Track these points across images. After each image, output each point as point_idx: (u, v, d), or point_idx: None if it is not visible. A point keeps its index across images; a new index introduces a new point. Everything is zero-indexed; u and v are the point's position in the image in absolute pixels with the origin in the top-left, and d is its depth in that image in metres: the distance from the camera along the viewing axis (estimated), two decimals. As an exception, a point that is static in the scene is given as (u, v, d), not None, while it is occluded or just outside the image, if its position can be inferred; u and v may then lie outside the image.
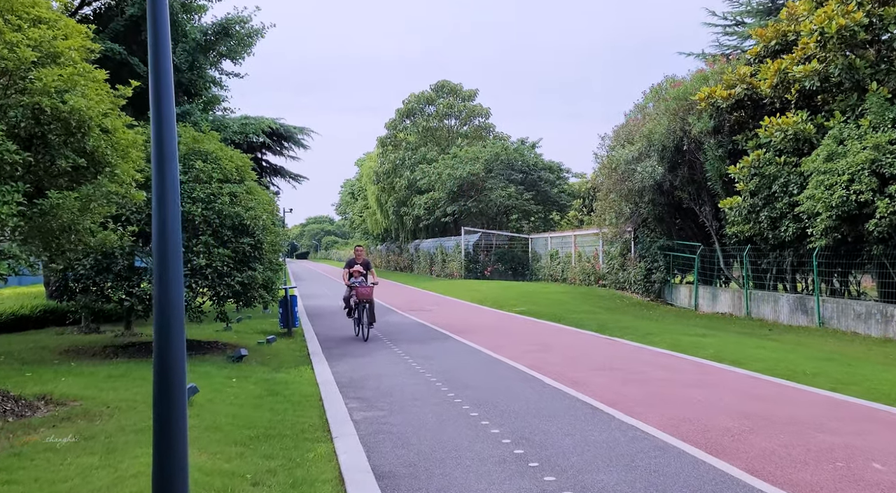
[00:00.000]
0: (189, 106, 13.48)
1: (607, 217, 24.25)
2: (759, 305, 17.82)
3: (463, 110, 46.32)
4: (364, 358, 10.96)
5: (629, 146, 20.98)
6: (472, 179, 37.06)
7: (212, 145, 11.26)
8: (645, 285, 22.99)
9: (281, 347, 12.59)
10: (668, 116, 19.26)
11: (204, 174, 10.88)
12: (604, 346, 11.89)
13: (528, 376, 9.02)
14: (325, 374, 9.56)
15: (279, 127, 19.18)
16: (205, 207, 10.60)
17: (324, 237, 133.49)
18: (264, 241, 11.15)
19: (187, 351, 10.95)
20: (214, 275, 10.46)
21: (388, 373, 9.51)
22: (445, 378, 8.94)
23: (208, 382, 8.52)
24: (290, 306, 14.79)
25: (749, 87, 16.79)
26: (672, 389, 8.00)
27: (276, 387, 8.55)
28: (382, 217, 51.72)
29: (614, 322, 15.86)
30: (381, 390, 8.29)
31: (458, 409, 7.17)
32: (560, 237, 32.82)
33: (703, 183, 19.70)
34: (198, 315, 11.01)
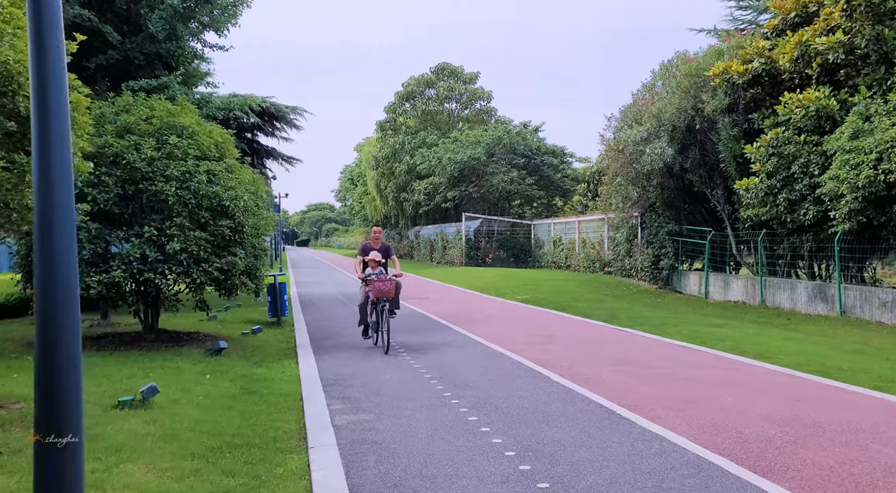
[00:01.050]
0: (166, 78, 12.53)
1: (613, 202, 23.31)
2: (775, 292, 16.91)
3: (464, 94, 45.22)
4: (354, 352, 10.09)
5: (637, 127, 20.00)
6: (473, 163, 36.07)
7: (188, 119, 10.33)
8: (652, 271, 22.08)
9: (267, 338, 11.72)
10: (680, 93, 18.26)
11: (179, 150, 9.96)
12: (615, 338, 11.01)
13: (534, 372, 8.14)
14: (309, 369, 8.69)
15: (270, 106, 18.20)
16: (179, 186, 9.69)
17: (324, 225, 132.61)
18: (246, 224, 10.24)
19: (163, 343, 10.08)
20: (190, 261, 9.57)
21: (380, 368, 8.64)
22: (442, 375, 8.06)
23: (177, 379, 7.66)
24: (278, 295, 13.92)
25: (767, 61, 15.78)
26: (696, 388, 7.11)
27: (253, 385, 7.68)
28: (382, 203, 50.76)
29: (624, 311, 14.97)
30: (369, 389, 7.42)
31: (455, 412, 6.29)
32: (564, 223, 31.89)
33: (715, 165, 18.73)
34: (173, 304, 10.13)
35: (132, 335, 10.80)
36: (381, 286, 9.89)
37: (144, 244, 9.39)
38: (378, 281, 9.93)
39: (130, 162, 9.54)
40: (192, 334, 11.29)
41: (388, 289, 9.87)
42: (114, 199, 9.50)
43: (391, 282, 9.97)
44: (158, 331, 10.95)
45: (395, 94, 46.16)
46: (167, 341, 10.59)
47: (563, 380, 7.57)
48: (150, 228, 9.45)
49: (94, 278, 9.21)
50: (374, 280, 9.96)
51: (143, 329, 10.84)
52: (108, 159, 9.66)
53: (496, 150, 36.44)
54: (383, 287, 9.88)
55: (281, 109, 18.98)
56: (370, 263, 10.35)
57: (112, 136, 9.79)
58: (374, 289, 9.93)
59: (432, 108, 45.47)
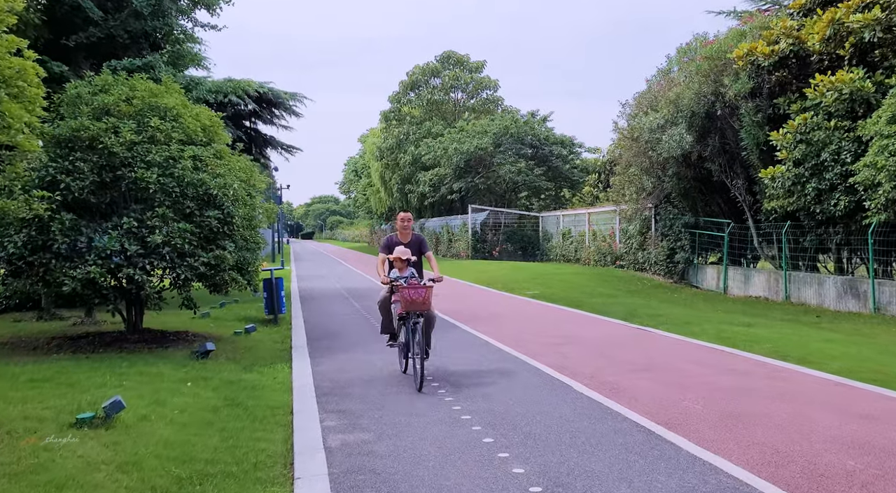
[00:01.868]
0: (151, 57, 11.63)
1: (627, 192, 22.38)
2: (800, 288, 15.98)
3: (470, 83, 44.17)
4: (354, 355, 9.24)
5: (653, 113, 19.04)
6: (480, 154, 35.11)
7: (172, 100, 9.45)
8: (667, 265, 21.17)
9: (261, 337, 10.89)
10: (699, 78, 17.29)
11: (161, 134, 9.10)
12: (638, 338, 10.13)
13: (554, 380, 7.27)
14: (303, 375, 7.84)
15: (268, 91, 17.29)
16: (162, 173, 8.83)
17: (329, 217, 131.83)
18: (236, 214, 9.37)
19: (146, 344, 9.24)
20: (174, 255, 8.71)
21: (381, 376, 7.78)
22: (450, 383, 7.20)
23: (153, 388, 6.81)
24: (275, 290, 13.07)
25: (795, 42, 14.81)
26: (742, 401, 6.22)
27: (239, 394, 6.84)
28: (386, 195, 49.85)
29: (641, 308, 14.08)
30: (369, 400, 6.57)
31: (468, 431, 5.43)
32: (573, 215, 30.94)
33: (736, 153, 17.78)
34: (156, 302, 9.28)
35: (114, 336, 9.97)
36: (412, 296, 7.12)
37: (123, 237, 8.55)
38: (408, 289, 7.17)
39: (108, 146, 8.68)
40: (179, 334, 10.46)
41: (420, 299, 7.13)
42: (90, 187, 8.66)
43: (425, 290, 7.16)
44: (142, 331, 10.12)
45: (400, 83, 45.17)
46: (151, 341, 9.76)
47: (587, 391, 6.70)
48: (130, 219, 8.61)
49: (69, 274, 8.36)
50: (404, 287, 7.21)
51: (126, 329, 10.01)
52: (83, 143, 8.81)
53: (503, 140, 35.47)
54: (415, 297, 7.12)
55: (279, 95, 18.08)
56: (396, 262, 7.55)
57: (88, 117, 8.94)
58: (402, 299, 7.21)
59: (437, 97, 44.46)
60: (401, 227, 7.93)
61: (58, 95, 9.41)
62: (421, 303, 7.16)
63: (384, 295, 7.78)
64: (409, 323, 7.27)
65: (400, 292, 7.27)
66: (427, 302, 7.16)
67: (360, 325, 12.25)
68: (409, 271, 7.62)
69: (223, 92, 14.95)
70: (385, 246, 7.81)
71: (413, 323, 7.20)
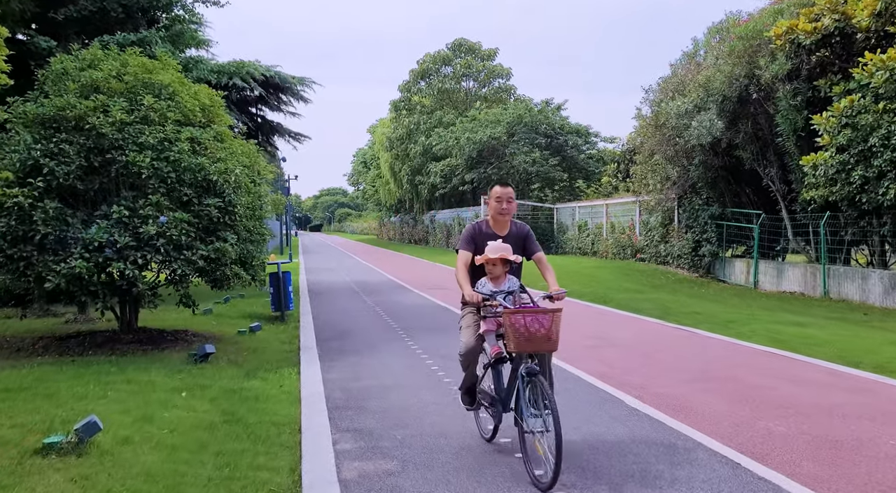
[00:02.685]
0: (147, 33, 10.73)
1: (650, 182, 21.36)
2: (841, 283, 14.98)
3: (482, 71, 43.10)
4: (368, 358, 8.36)
5: (681, 98, 18.00)
6: (493, 143, 34.10)
7: (168, 76, 8.56)
8: (692, 259, 20.18)
9: (266, 337, 10.03)
10: (732, 59, 16.26)
11: (156, 114, 8.21)
12: (681, 340, 9.20)
13: (601, 392, 6.36)
14: (313, 382, 6.97)
15: (274, 75, 16.37)
16: (156, 156, 7.95)
17: (337, 209, 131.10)
18: (238, 203, 8.49)
19: (140, 345, 8.39)
20: (169, 247, 7.84)
21: (400, 383, 6.89)
22: (481, 394, 6.30)
23: (142, 400, 5.95)
24: (282, 285, 12.21)
25: (841, 17, 13.75)
26: (835, 423, 5.27)
27: (239, 407, 5.97)
28: (396, 186, 48.93)
29: (673, 304, 13.14)
30: (389, 416, 5.68)
31: (512, 462, 4.54)
32: (589, 207, 29.93)
33: (770, 140, 16.76)
34: (151, 299, 8.42)
35: (106, 335, 9.12)
36: (530, 327, 4.16)
37: (113, 227, 7.68)
38: (520, 315, 4.18)
39: (96, 127, 7.81)
40: (178, 334, 9.61)
41: (544, 333, 4.18)
42: (76, 172, 7.79)
43: (551, 317, 4.19)
44: (137, 330, 9.27)
45: (410, 71, 44.18)
46: (146, 342, 8.91)
47: (643, 406, 5.78)
48: (121, 207, 7.74)
49: (53, 269, 7.51)
50: (511, 312, 4.22)
51: (120, 328, 9.16)
52: (69, 124, 7.94)
53: (517, 129, 34.44)
54: (535, 329, 4.17)
55: (287, 80, 17.15)
56: (490, 267, 4.65)
57: (75, 95, 8.06)
58: (509, 333, 4.23)
59: (449, 86, 43.43)
60: (496, 210, 4.80)
61: (42, 70, 8.55)
62: (544, 339, 4.13)
63: (469, 341, 4.63)
64: (522, 368, 4.25)
65: (509, 321, 4.16)
66: (554, 339, 4.16)
67: (372, 323, 11.38)
68: (511, 282, 4.60)
69: (227, 73, 14.04)
70: (468, 240, 4.83)
71: (526, 371, 4.19)
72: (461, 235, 4.97)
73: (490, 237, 4.79)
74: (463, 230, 4.97)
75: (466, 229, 4.97)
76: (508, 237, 4.84)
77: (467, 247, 4.85)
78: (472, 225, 4.99)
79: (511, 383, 4.50)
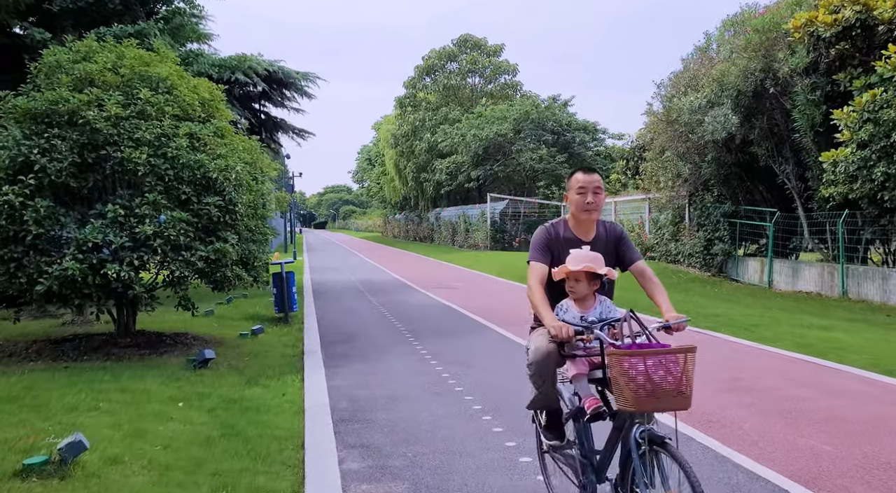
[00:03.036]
0: (145, 24, 10.36)
1: (661, 179, 20.92)
2: (860, 283, 14.54)
3: (488, 67, 42.67)
4: (374, 364, 7.99)
5: (694, 94, 17.56)
6: (499, 140, 33.69)
7: (165, 69, 8.19)
8: (704, 257, 19.76)
9: (269, 340, 9.67)
10: (749, 53, 15.82)
11: (153, 108, 7.84)
12: (704, 345, 8.75)
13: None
14: (317, 392, 6.60)
15: (277, 70, 16.01)
16: (153, 152, 7.59)
17: (342, 207, 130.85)
18: (239, 201, 8.13)
19: (138, 349, 8.03)
20: (167, 248, 7.49)
21: (409, 393, 6.52)
22: (496, 406, 5.93)
23: (136, 412, 5.60)
24: (286, 286, 11.86)
25: (863, 9, 13.30)
26: (882, 440, 4.80)
27: (239, 419, 5.61)
28: (401, 184, 48.56)
29: (689, 305, 12.73)
30: (398, 431, 5.31)
31: (531, 481, 4.17)
32: (597, 204, 29.49)
33: (786, 136, 16.32)
34: (148, 301, 8.07)
35: (103, 339, 8.78)
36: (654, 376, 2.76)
37: (108, 227, 7.33)
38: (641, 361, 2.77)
39: (90, 122, 7.44)
40: (177, 337, 9.26)
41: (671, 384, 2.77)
42: (69, 169, 7.42)
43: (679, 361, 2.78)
44: (135, 333, 8.92)
45: (415, 68, 43.78)
46: (144, 346, 8.56)
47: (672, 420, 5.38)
48: (116, 206, 7.39)
49: (44, 271, 7.16)
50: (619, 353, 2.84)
51: (117, 331, 8.81)
52: (61, 119, 7.58)
53: (524, 125, 34.03)
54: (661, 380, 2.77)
55: (290, 75, 16.79)
56: (570, 281, 3.43)
57: (68, 89, 7.69)
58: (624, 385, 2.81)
59: (454, 82, 43.02)
60: (579, 205, 3.49)
61: (35, 63, 8.19)
62: (674, 392, 2.78)
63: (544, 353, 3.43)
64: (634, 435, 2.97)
65: (613, 364, 2.85)
66: (688, 392, 2.82)
67: (378, 324, 11.02)
68: (603, 306, 3.42)
69: (228, 67, 13.66)
70: (542, 247, 3.55)
71: (647, 437, 2.92)
72: (532, 241, 3.58)
73: (572, 243, 3.44)
74: (534, 234, 3.61)
75: (538, 233, 3.58)
76: (596, 243, 3.47)
77: (541, 257, 3.48)
78: (546, 227, 3.58)
79: (611, 444, 3.20)
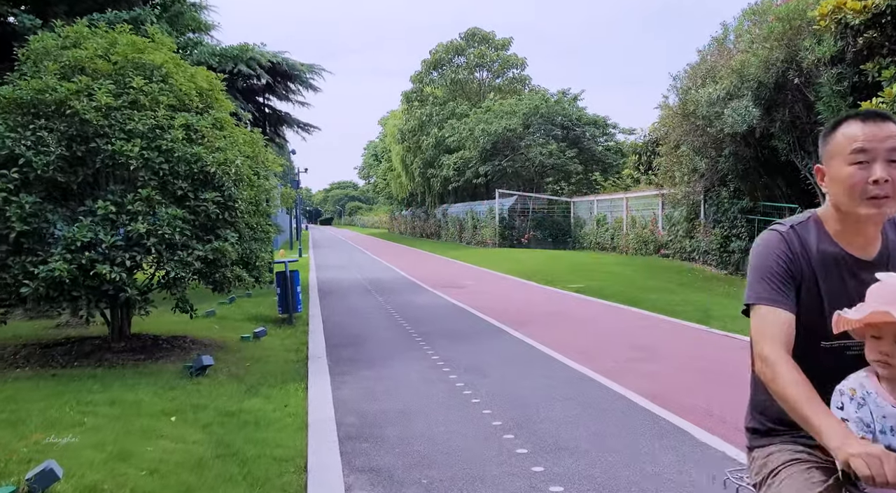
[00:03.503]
0: (140, 10, 9.84)
1: (676, 174, 20.33)
2: (888, 282, 13.94)
3: (496, 61, 42.04)
4: (383, 370, 7.47)
5: (713, 85, 16.96)
6: (508, 135, 33.09)
7: (160, 56, 7.68)
8: (721, 255, 19.20)
9: (272, 344, 9.18)
10: (771, 42, 15.20)
11: (146, 98, 7.34)
12: (736, 352, 8.25)
13: (658, 419, 5.44)
14: (322, 404, 6.09)
15: (282, 62, 15.48)
16: (146, 145, 7.09)
17: (348, 203, 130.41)
18: (239, 198, 7.62)
19: (132, 354, 7.48)
20: (161, 247, 6.99)
21: (422, 405, 6.00)
22: (517, 422, 5.40)
23: (122, 428, 5.10)
24: (290, 286, 11.37)
25: (894, -5, 12.65)
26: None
27: (236, 437, 5.10)
28: (408, 180, 48.03)
29: (715, 306, 12.18)
30: (411, 451, 4.79)
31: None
32: (608, 200, 28.92)
33: (809, 129, 15.70)
34: (142, 305, 7.57)
35: (96, 342, 8.30)
36: None
37: (98, 225, 6.84)
38: None
39: (79, 112, 6.95)
40: (175, 340, 8.78)
41: None
42: (56, 163, 6.92)
43: None
44: (130, 337, 8.43)
45: (422, 62, 43.19)
46: (139, 350, 8.08)
47: (713, 440, 4.84)
48: (107, 202, 6.89)
49: (31, 272, 6.67)
50: None
51: (111, 335, 8.33)
52: (48, 109, 7.09)
53: (533, 120, 33.43)
54: None
55: (295, 67, 16.26)
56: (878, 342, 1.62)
57: (56, 77, 7.19)
58: None
59: (462, 76, 42.42)
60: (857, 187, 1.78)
61: (21, 49, 7.70)
62: None
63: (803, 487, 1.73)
64: None
65: None
66: None
67: (387, 326, 10.51)
68: None
69: (230, 57, 13.11)
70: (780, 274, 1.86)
71: None
72: (755, 262, 1.95)
73: (841, 265, 1.89)
74: (757, 246, 1.98)
75: (767, 244, 1.95)
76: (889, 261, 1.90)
77: (781, 295, 1.86)
78: (781, 233, 1.95)
79: None
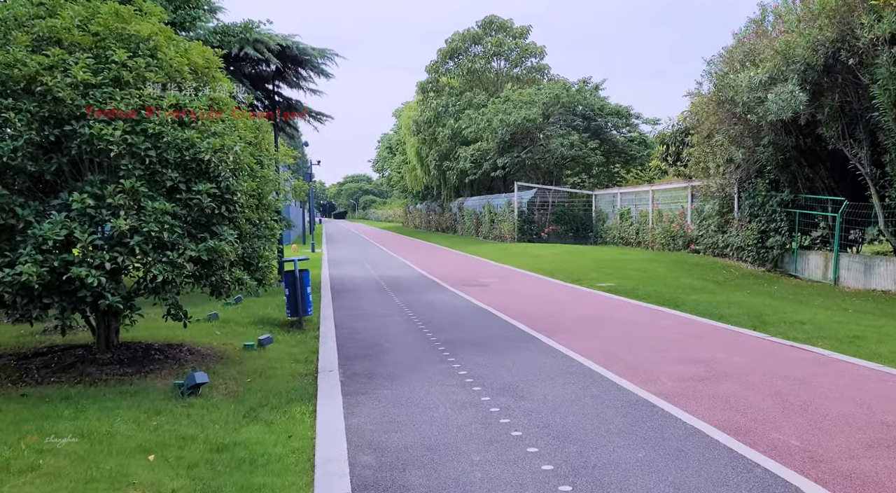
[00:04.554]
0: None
1: (711, 166, 19.13)
2: (952, 282, 12.74)
3: (514, 50, 40.80)
4: (404, 390, 6.46)
5: (753, 69, 15.76)
6: (528, 125, 31.91)
7: (147, 27, 6.69)
8: (758, 251, 17.98)
9: (278, 354, 8.20)
10: (821, 20, 13.98)
11: (130, 74, 6.36)
12: (812, 367, 7.16)
13: (750, 464, 4.39)
14: (332, 436, 5.10)
15: (292, 46, 14.50)
16: (130, 129, 6.12)
17: (361, 196, 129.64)
18: (237, 189, 6.64)
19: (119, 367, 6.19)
20: (147, 247, 6.02)
21: (453, 439, 4.98)
22: (572, 466, 4.37)
23: (85, 473, 4.13)
24: (300, 287, 10.40)
25: (966, -35, 11.44)
26: None
27: (226, 483, 4.12)
28: (423, 172, 46.96)
29: (766, 309, 11.05)
30: (443, 508, 3.78)
31: None
32: (633, 193, 27.71)
33: (860, 115, 14.50)
34: (126, 314, 6.61)
35: (80, 352, 7.37)
36: None
37: (73, 221, 5.88)
38: None
39: (52, 90, 5.99)
40: (170, 349, 7.83)
41: None
42: (25, 148, 5.97)
43: None
44: (118, 347, 7.49)
45: (438, 51, 42.02)
46: (127, 363, 7.14)
47: (831, 497, 3.80)
48: (84, 195, 5.93)
49: (-4, 275, 5.72)
50: None
51: (97, 345, 7.39)
52: (16, 86, 6.13)
53: (553, 110, 32.22)
54: None
55: (307, 52, 15.27)
56: None
57: (25, 49, 6.23)
58: None
59: (479, 66, 41.24)
60: None
61: (-11, 20, 6.73)
62: None
63: None
64: None
65: None
66: None
67: (405, 332, 9.51)
68: None
69: (232, 35, 12.04)
70: None
71: None
72: None
73: None
74: None
75: None
76: None
77: None
78: None
79: None
